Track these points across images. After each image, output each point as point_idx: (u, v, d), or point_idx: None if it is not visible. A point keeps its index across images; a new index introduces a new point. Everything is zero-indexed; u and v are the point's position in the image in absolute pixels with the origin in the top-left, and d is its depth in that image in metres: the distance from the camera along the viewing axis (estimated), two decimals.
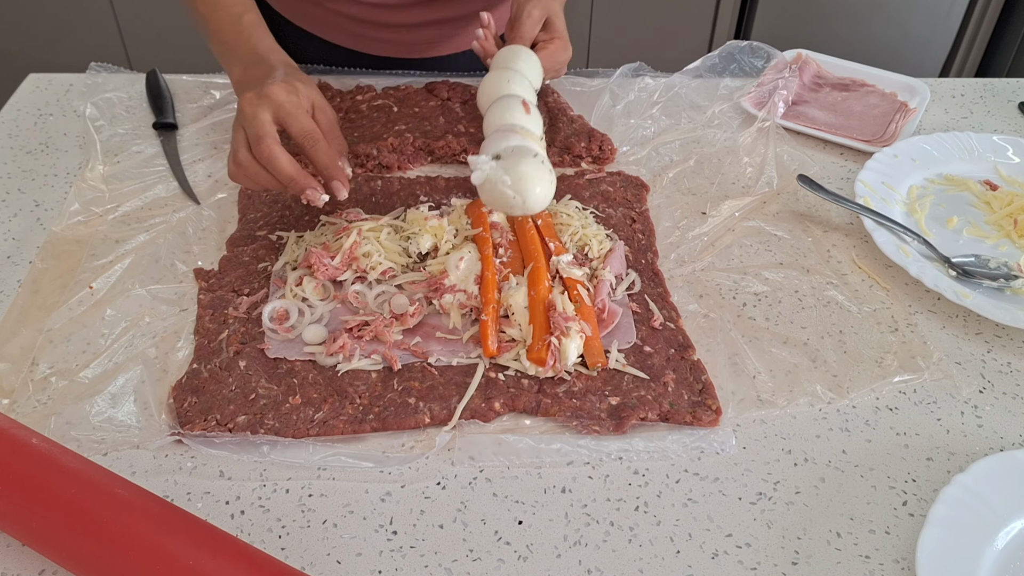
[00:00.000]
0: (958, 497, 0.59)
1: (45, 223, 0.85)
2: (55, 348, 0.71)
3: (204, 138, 0.97)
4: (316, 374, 0.68)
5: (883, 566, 0.58)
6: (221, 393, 0.66)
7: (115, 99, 1.02)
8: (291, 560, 0.57)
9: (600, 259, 0.78)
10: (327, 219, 0.82)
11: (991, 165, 0.95)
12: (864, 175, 0.90)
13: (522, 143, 0.67)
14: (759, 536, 0.60)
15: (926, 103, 1.04)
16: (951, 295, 0.76)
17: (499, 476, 0.63)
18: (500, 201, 0.65)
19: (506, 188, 0.64)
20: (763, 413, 0.68)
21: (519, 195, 0.64)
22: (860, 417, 0.68)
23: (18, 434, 0.56)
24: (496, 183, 0.64)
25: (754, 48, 1.10)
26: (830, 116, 1.04)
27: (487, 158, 0.66)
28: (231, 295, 0.75)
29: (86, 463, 0.56)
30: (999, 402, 0.70)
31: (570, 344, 0.68)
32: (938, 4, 2.16)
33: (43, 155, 0.94)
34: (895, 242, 0.82)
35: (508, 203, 0.64)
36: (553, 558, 0.58)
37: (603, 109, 1.02)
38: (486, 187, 0.65)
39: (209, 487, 0.62)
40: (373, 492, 0.62)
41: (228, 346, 0.70)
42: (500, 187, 0.64)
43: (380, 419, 0.65)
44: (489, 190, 0.65)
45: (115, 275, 0.78)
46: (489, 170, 0.64)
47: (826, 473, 0.64)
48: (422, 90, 1.03)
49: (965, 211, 0.89)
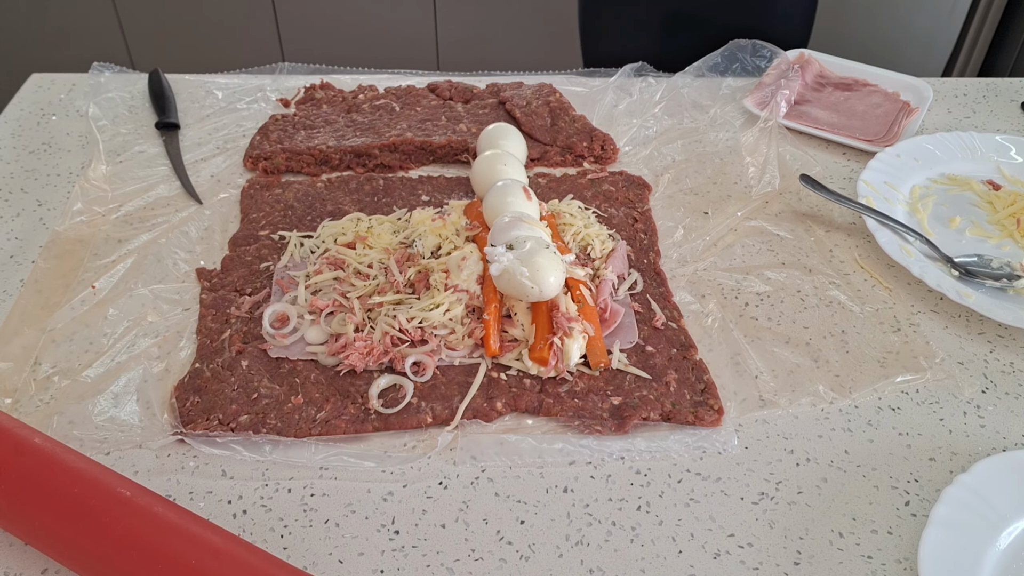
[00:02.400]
0: (960, 497, 0.59)
1: (48, 223, 0.85)
2: (58, 347, 0.71)
3: (206, 138, 0.97)
4: (318, 374, 0.68)
5: (885, 566, 0.58)
6: (223, 393, 0.66)
7: (118, 99, 1.02)
8: (293, 560, 0.57)
9: (602, 259, 0.78)
10: (329, 223, 0.82)
11: (994, 165, 0.95)
12: (866, 175, 0.90)
13: (531, 233, 0.72)
14: (761, 536, 0.60)
15: (929, 103, 1.04)
16: (954, 295, 0.76)
17: (501, 476, 0.63)
18: (518, 290, 0.69)
19: (524, 279, 0.68)
20: (765, 413, 0.68)
21: (536, 285, 0.68)
22: (862, 417, 0.68)
23: (21, 433, 0.56)
24: (515, 274, 0.68)
25: (756, 48, 1.10)
26: (832, 116, 1.03)
27: (503, 249, 0.70)
28: (233, 295, 0.76)
29: (88, 462, 0.56)
30: (1002, 402, 0.69)
31: (573, 344, 0.68)
32: (941, 4, 2.15)
33: (46, 155, 0.95)
34: (897, 242, 0.81)
35: (526, 292, 0.69)
36: (555, 558, 0.58)
37: (605, 109, 1.02)
38: (504, 277, 0.69)
39: (211, 486, 0.62)
40: (375, 492, 0.62)
41: (230, 346, 0.70)
42: (519, 278, 0.68)
43: (382, 419, 0.65)
44: (507, 280, 0.69)
45: (117, 275, 0.78)
46: (507, 262, 0.68)
47: (828, 473, 0.64)
48: (424, 90, 1.03)
49: (968, 211, 0.89)
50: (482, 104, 1.01)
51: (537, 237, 0.71)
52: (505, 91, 1.02)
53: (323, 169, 0.92)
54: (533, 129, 0.97)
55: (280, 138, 0.95)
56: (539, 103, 1.00)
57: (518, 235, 0.71)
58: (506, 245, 0.70)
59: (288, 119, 0.98)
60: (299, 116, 0.99)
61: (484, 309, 0.71)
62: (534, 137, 0.96)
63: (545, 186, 0.91)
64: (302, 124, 0.97)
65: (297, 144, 0.93)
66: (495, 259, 0.69)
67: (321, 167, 0.92)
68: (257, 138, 0.95)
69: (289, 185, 0.89)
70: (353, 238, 0.79)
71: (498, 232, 0.72)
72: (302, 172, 0.92)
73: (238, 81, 1.07)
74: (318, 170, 0.92)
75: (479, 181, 0.83)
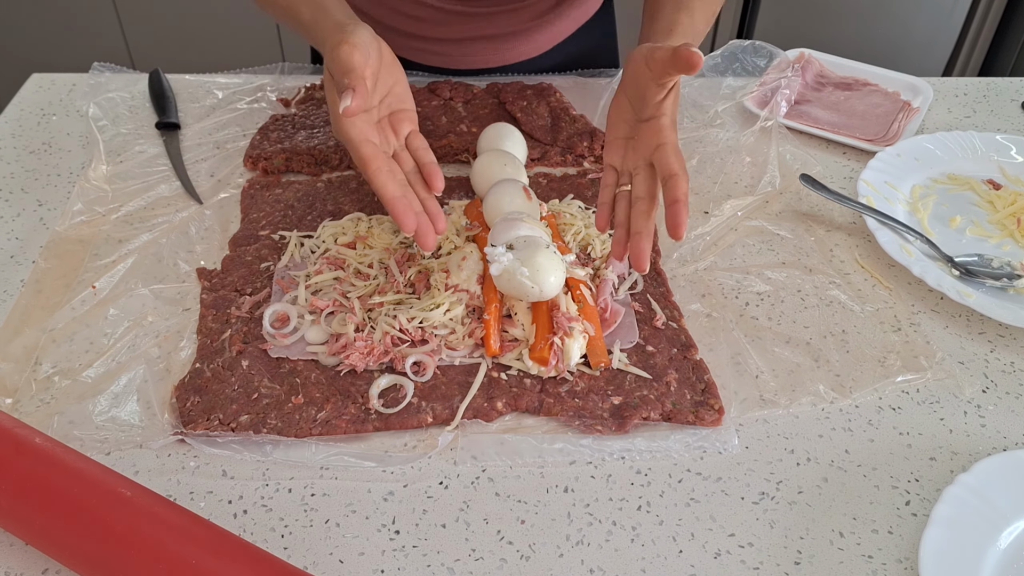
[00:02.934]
0: (961, 497, 0.59)
1: (48, 223, 0.85)
2: (58, 347, 0.71)
3: (207, 138, 0.97)
4: (319, 374, 0.68)
5: (886, 566, 0.58)
6: (224, 393, 0.66)
7: (118, 99, 1.02)
8: (294, 559, 0.57)
9: (602, 259, 0.78)
10: (330, 222, 0.82)
11: (994, 164, 0.95)
12: (867, 174, 0.90)
13: (531, 233, 0.71)
14: (762, 536, 0.60)
15: (929, 102, 1.04)
16: (954, 295, 0.76)
17: (501, 476, 0.63)
18: (519, 290, 0.68)
19: (524, 279, 0.67)
20: (766, 413, 0.68)
21: (537, 285, 0.68)
22: (863, 417, 0.68)
23: (21, 433, 0.56)
24: (514, 274, 0.68)
25: (756, 47, 1.09)
26: (833, 115, 1.03)
27: (503, 249, 0.69)
28: (233, 295, 0.76)
29: (89, 462, 0.56)
30: (1002, 402, 0.69)
31: (573, 344, 0.68)
32: (941, 3, 2.15)
33: (46, 155, 0.95)
34: (898, 242, 0.81)
35: (526, 292, 0.68)
36: (555, 557, 0.58)
37: (606, 108, 1.02)
38: (504, 277, 0.69)
39: (212, 486, 0.62)
40: (376, 492, 0.62)
41: (230, 346, 0.70)
42: (519, 278, 0.68)
43: (382, 419, 0.65)
44: (507, 280, 0.68)
45: (118, 274, 0.78)
46: (507, 262, 0.68)
47: (829, 473, 0.64)
48: (424, 90, 1.03)
49: (968, 211, 0.89)
50: (482, 104, 1.01)
51: (537, 237, 0.71)
52: (505, 91, 1.02)
53: (323, 169, 0.92)
54: (533, 129, 0.97)
55: (280, 138, 0.95)
56: (539, 103, 1.00)
57: (518, 235, 0.71)
58: (506, 245, 0.70)
59: (288, 119, 0.98)
60: (299, 116, 0.99)
61: (484, 309, 0.71)
62: (534, 137, 0.96)
63: (546, 186, 0.91)
64: (302, 124, 0.97)
65: (297, 144, 0.93)
66: (495, 259, 0.69)
67: (321, 167, 0.92)
68: (257, 138, 0.95)
69: (289, 185, 0.89)
70: (353, 238, 0.79)
71: (498, 232, 0.72)
72: (302, 172, 0.92)
73: (238, 81, 1.07)
74: (318, 170, 0.92)
75: (479, 181, 0.83)
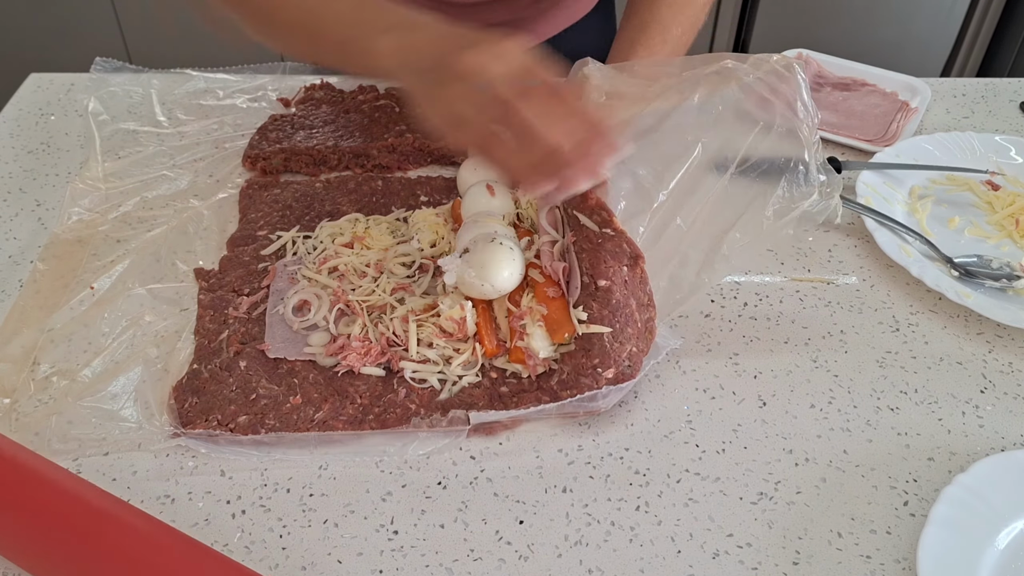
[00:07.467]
0: (959, 497, 0.59)
1: (47, 223, 0.85)
2: (56, 348, 0.71)
3: (205, 137, 0.97)
4: (316, 374, 0.68)
5: (884, 566, 0.58)
6: (222, 393, 0.66)
7: (119, 95, 1.02)
8: (292, 559, 0.57)
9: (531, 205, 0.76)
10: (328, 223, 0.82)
11: (993, 165, 0.95)
12: (865, 175, 0.90)
13: (483, 231, 0.69)
14: (760, 536, 0.60)
15: (927, 103, 1.04)
16: (952, 295, 0.76)
17: (500, 476, 0.63)
18: (475, 291, 0.68)
19: (474, 280, 0.66)
20: (764, 412, 0.68)
21: (487, 282, 0.66)
22: (861, 417, 0.68)
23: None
24: (464, 277, 0.67)
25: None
26: (831, 116, 1.03)
27: (454, 256, 0.69)
28: (231, 295, 0.75)
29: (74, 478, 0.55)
30: (1000, 402, 0.69)
31: (533, 338, 0.67)
32: (939, 4, 2.15)
33: (44, 155, 0.95)
34: (896, 242, 0.81)
35: (480, 291, 0.67)
36: (554, 558, 0.58)
37: None
38: (460, 283, 0.68)
39: (210, 487, 0.62)
40: (374, 492, 0.62)
41: (228, 346, 0.70)
42: (469, 279, 0.67)
43: (380, 419, 0.65)
44: (463, 285, 0.68)
45: (116, 274, 0.78)
46: (456, 268, 0.68)
47: (827, 473, 0.64)
48: None
49: (967, 211, 0.89)
50: None
51: (488, 232, 0.69)
52: None
53: (322, 169, 0.92)
54: None
55: (279, 138, 0.95)
56: None
57: (471, 237, 0.70)
58: (463, 250, 0.69)
59: (287, 119, 0.98)
60: (298, 116, 0.99)
61: (476, 310, 0.71)
62: None
63: None
64: (301, 124, 0.97)
65: (296, 144, 0.93)
66: (446, 268, 0.68)
67: (320, 167, 0.92)
68: (256, 138, 0.95)
69: (288, 185, 0.89)
70: (351, 238, 0.79)
71: (459, 238, 0.72)
72: (301, 172, 0.92)
73: (238, 80, 1.07)
74: (317, 170, 0.92)
75: (461, 185, 0.83)
